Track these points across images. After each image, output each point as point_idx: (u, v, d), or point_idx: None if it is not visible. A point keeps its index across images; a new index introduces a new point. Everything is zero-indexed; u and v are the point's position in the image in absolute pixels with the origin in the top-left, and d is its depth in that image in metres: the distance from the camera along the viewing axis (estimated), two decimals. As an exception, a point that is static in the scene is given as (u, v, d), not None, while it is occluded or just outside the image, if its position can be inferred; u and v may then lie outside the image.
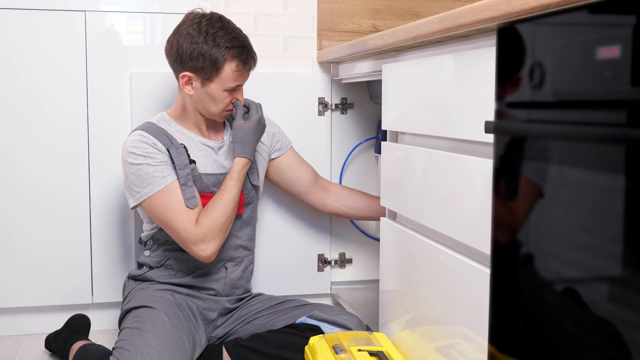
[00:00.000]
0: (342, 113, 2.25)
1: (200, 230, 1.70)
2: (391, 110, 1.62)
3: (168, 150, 1.73)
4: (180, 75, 1.75)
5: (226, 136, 1.89)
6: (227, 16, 1.97)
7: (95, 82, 2.06)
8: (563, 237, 0.95)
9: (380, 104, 1.72)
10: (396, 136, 1.65)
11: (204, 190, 1.79)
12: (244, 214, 1.88)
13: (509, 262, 1.08)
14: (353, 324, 1.81)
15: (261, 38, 2.18)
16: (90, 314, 2.11)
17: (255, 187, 1.92)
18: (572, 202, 0.93)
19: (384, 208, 1.71)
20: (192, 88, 1.76)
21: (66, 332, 1.94)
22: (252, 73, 2.07)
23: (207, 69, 1.72)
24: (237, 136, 1.79)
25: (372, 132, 2.28)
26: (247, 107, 1.82)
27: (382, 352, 1.50)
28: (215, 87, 1.74)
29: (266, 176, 2.04)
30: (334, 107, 2.23)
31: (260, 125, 1.82)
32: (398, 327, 1.59)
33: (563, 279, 0.96)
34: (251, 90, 2.15)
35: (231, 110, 1.81)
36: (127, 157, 1.73)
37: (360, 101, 2.26)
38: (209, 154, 1.83)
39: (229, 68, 1.73)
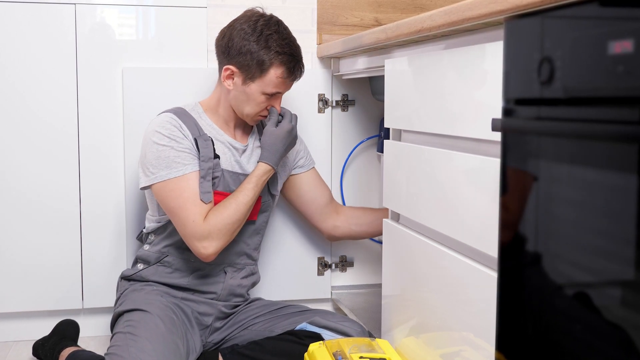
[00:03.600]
0: (343, 110, 2.25)
1: (207, 226, 1.71)
2: (394, 107, 1.62)
3: (195, 140, 1.75)
4: (224, 67, 1.78)
5: (251, 140, 1.90)
6: (224, 9, 1.98)
7: (86, 79, 2.06)
8: (573, 239, 0.95)
9: (383, 101, 1.72)
10: (399, 134, 1.65)
11: (225, 188, 1.80)
12: (256, 221, 1.89)
13: (517, 266, 1.08)
14: (355, 332, 1.81)
15: (259, 32, 2.18)
16: (80, 320, 2.11)
17: (273, 197, 1.93)
18: (583, 203, 0.93)
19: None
20: (233, 83, 1.78)
21: (54, 338, 1.94)
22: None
23: (252, 68, 1.75)
24: (265, 141, 1.81)
25: (374, 130, 2.28)
26: (282, 115, 1.85)
27: (384, 359, 1.50)
28: (255, 89, 1.77)
29: (282, 193, 2.05)
30: (334, 104, 2.23)
31: (291, 136, 1.84)
32: (401, 334, 1.59)
33: (573, 283, 0.96)
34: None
35: (265, 115, 1.84)
36: (152, 136, 1.75)
37: (362, 98, 2.26)
38: (232, 154, 1.84)
39: (274, 73, 1.76)
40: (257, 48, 1.74)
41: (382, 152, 2.03)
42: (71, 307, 2.11)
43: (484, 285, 1.19)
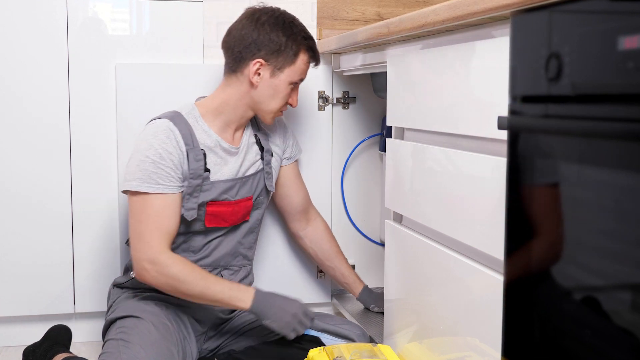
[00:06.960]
0: (344, 108, 2.25)
1: (167, 260, 1.68)
2: (397, 104, 1.62)
3: (187, 153, 1.73)
4: (253, 62, 1.77)
5: (245, 137, 1.87)
6: (221, 3, 1.99)
7: (78, 75, 2.06)
8: (582, 242, 0.95)
9: (385, 98, 1.72)
10: (402, 133, 1.65)
11: (216, 197, 1.78)
12: (250, 220, 1.88)
13: (524, 269, 1.08)
14: (355, 335, 1.81)
15: (257, 27, 2.18)
16: (72, 325, 2.11)
17: (269, 193, 1.93)
18: (592, 204, 0.93)
19: (342, 277, 1.85)
20: (260, 78, 1.79)
21: (46, 344, 1.94)
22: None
23: (281, 57, 1.78)
24: (274, 314, 1.74)
25: (376, 128, 2.28)
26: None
27: (387, 365, 1.51)
28: (284, 78, 1.79)
29: None
30: (335, 102, 2.23)
31: (292, 324, 1.75)
32: (404, 339, 1.59)
33: (582, 287, 0.96)
34: (246, 83, 2.15)
35: (285, 109, 1.86)
36: (142, 142, 1.73)
37: (364, 95, 2.26)
38: (226, 159, 1.82)
39: (302, 59, 1.81)
40: (286, 36, 1.78)
41: (384, 151, 2.03)
42: (62, 312, 2.11)
43: (489, 288, 1.19)
